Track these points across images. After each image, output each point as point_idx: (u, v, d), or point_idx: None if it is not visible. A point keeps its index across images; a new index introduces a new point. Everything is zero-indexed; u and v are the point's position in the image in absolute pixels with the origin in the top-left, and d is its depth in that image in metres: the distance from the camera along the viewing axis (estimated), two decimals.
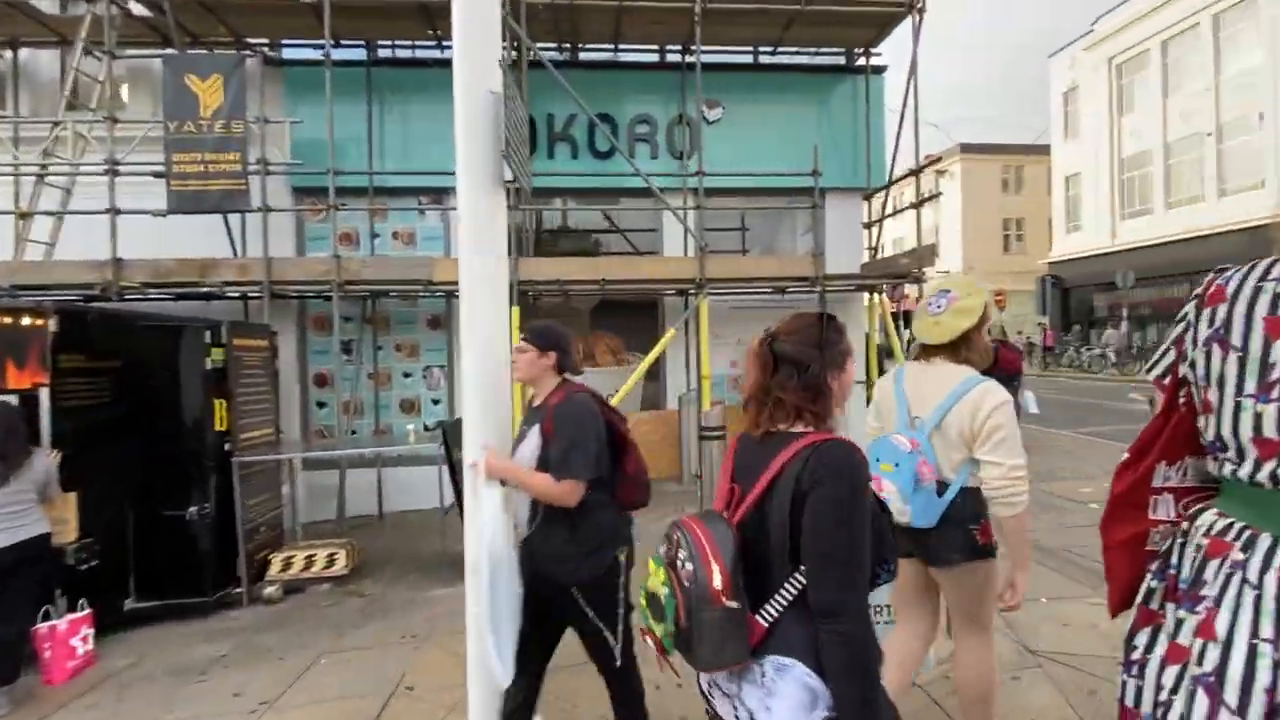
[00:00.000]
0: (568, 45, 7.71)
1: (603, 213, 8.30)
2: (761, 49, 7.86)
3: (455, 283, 5.23)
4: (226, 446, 4.65)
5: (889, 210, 7.29)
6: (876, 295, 7.44)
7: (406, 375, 7.55)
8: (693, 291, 6.26)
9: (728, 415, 6.02)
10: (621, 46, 7.74)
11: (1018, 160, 31.53)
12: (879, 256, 7.67)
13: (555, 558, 2.17)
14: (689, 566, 1.27)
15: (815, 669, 1.25)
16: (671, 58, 7.73)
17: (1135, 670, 1.27)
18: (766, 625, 1.29)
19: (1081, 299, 24.84)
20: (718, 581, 1.25)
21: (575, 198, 7.80)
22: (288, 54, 7.64)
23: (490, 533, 2.04)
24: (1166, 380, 1.34)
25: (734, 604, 1.25)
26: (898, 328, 11.91)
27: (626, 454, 2.36)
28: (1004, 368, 2.54)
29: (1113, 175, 23.67)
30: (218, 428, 4.60)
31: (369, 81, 7.20)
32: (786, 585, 1.29)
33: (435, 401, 7.55)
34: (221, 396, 4.65)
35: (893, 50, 7.44)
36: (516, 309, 6.10)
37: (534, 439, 2.20)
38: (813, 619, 1.25)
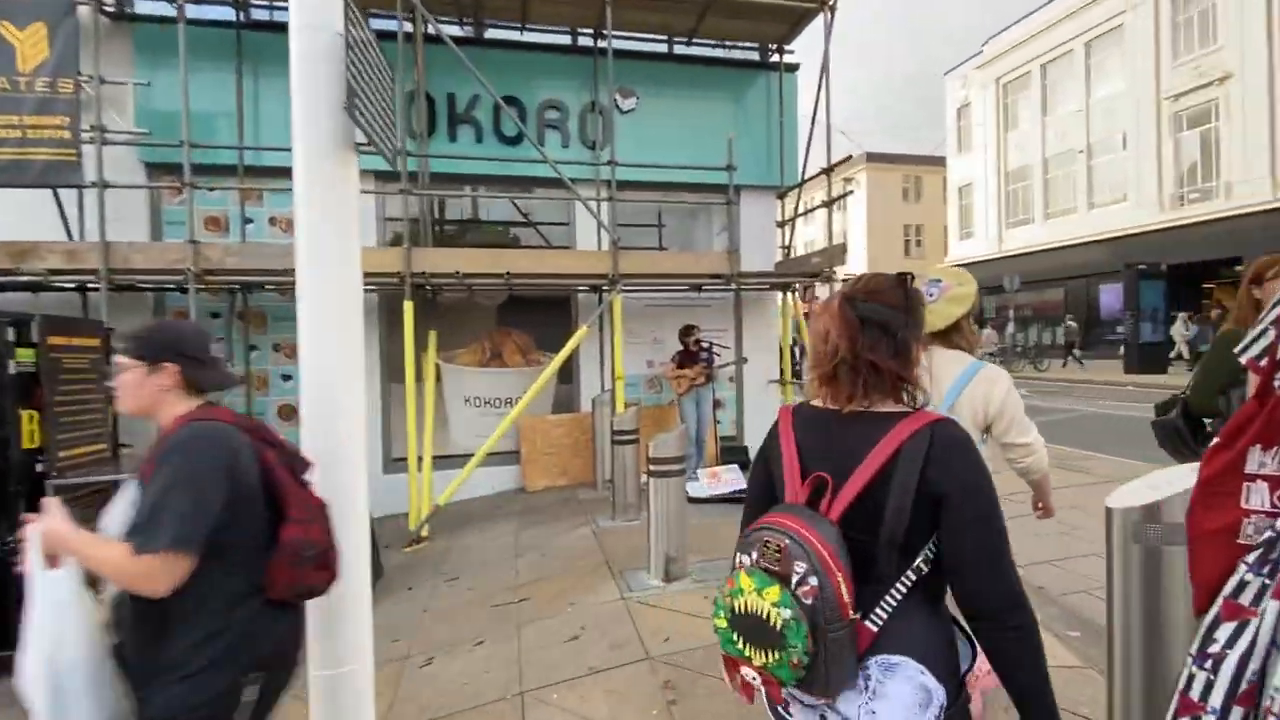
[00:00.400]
0: (470, 20, 7.18)
1: (513, 203, 7.83)
2: (676, 39, 7.65)
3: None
4: (39, 467, 3.85)
5: (800, 210, 7.26)
6: (790, 295, 7.40)
7: (287, 379, 6.76)
8: (606, 288, 5.93)
9: (641, 417, 5.73)
10: (530, 27, 7.29)
11: (917, 170, 33.45)
12: (792, 256, 7.64)
13: (140, 676, 1.40)
14: (813, 581, 1.08)
15: (927, 665, 1.14)
16: (583, 41, 7.36)
17: (1209, 664, 1.15)
18: (876, 630, 1.15)
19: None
20: (845, 594, 1.10)
21: (480, 185, 7.27)
22: (142, 8, 6.64)
23: (56, 641, 1.34)
24: (1263, 363, 1.20)
25: (856, 615, 1.12)
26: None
27: (288, 513, 1.50)
28: None
29: (1000, 187, 25.51)
30: (26, 444, 3.80)
31: (240, 45, 6.36)
32: (899, 583, 1.17)
33: None
34: (32, 407, 3.84)
35: (806, 50, 7.46)
36: (410, 304, 5.54)
37: (130, 491, 1.47)
38: (920, 612, 1.18)
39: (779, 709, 1.23)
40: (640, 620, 3.37)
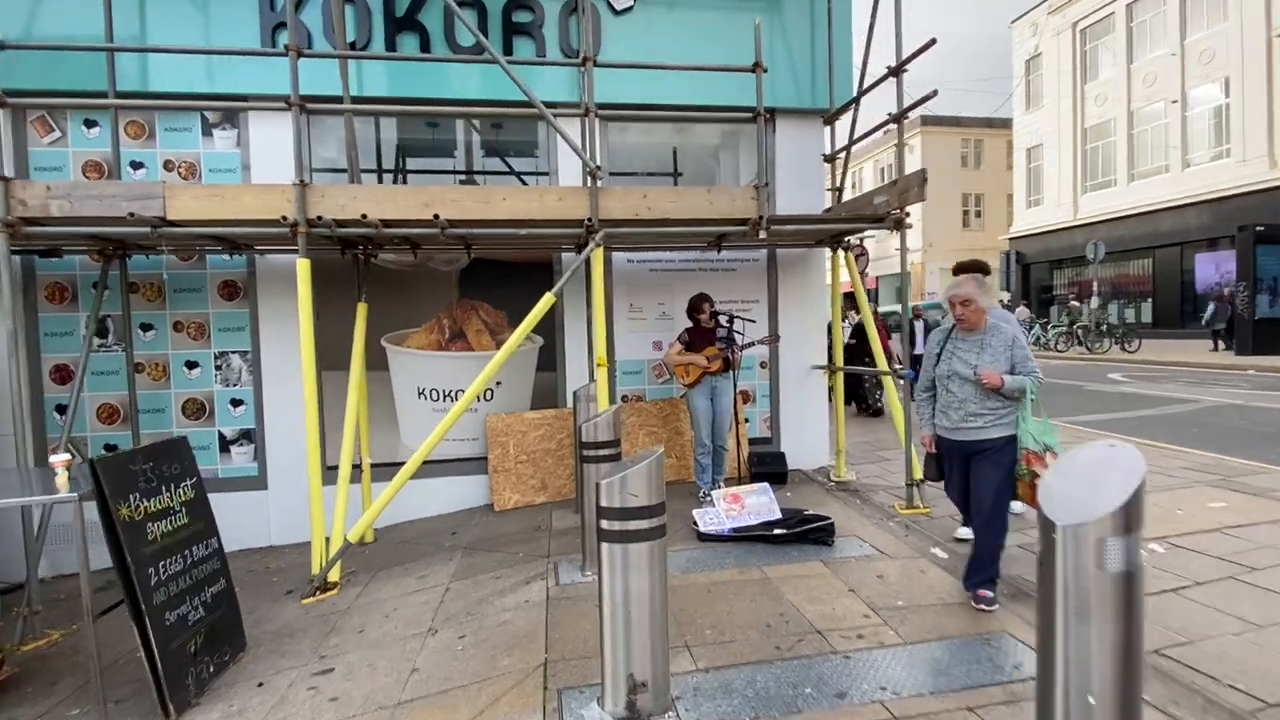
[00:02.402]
0: None
1: (483, 136, 6.23)
2: None
3: (208, 223, 2.34)
4: None
5: (856, 137, 5.42)
6: (842, 251, 5.60)
7: (191, 366, 5.34)
8: (585, 240, 4.28)
9: (621, 423, 4.09)
10: None
11: (977, 134, 30.48)
12: (843, 200, 5.82)
13: None
14: None
15: None
16: None
17: None
18: None
19: (1041, 276, 23.92)
20: None
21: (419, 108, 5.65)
22: None
23: None
24: None
25: None
26: (850, 307, 10.15)
27: None
28: None
29: (1076, 146, 22.63)
30: None
31: None
32: None
33: (236, 403, 5.37)
34: None
35: None
36: (305, 264, 3.99)
37: None
38: None
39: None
40: None
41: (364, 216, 3.95)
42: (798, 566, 3.60)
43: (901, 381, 4.77)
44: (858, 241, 12.04)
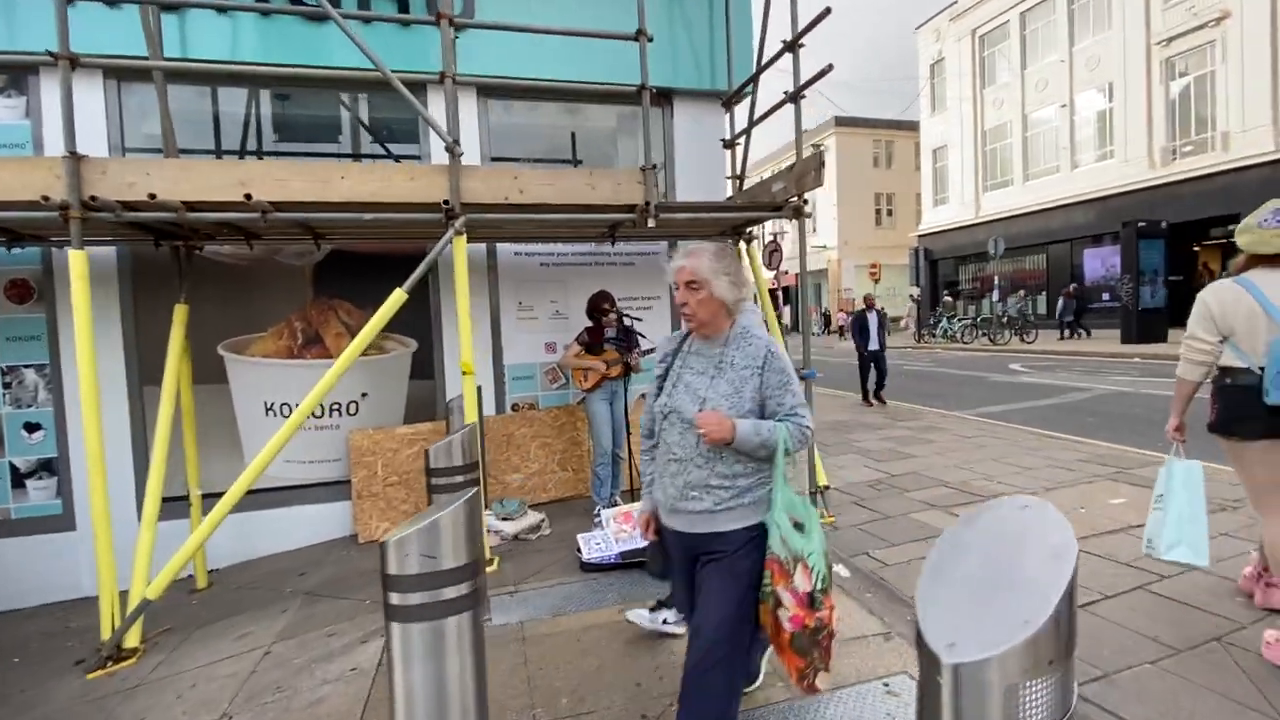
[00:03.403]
0: None
1: (355, 113, 5.48)
2: None
3: None
4: None
5: (755, 118, 5.06)
6: (745, 243, 5.24)
7: None
8: (448, 228, 3.66)
9: (482, 444, 3.53)
10: None
11: (889, 135, 31.58)
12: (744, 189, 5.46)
13: None
14: None
15: None
16: None
17: None
18: None
19: (946, 271, 24.96)
20: None
21: (272, 84, 4.86)
22: None
23: None
24: None
25: None
26: (775, 306, 10.09)
27: None
28: None
29: (977, 147, 23.71)
30: None
31: None
32: None
33: (32, 428, 4.42)
34: None
35: None
36: (79, 256, 3.19)
37: None
38: None
39: None
40: None
41: (152, 197, 3.19)
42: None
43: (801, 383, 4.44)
44: (771, 238, 11.94)
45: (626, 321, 4.73)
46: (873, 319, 9.03)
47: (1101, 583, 3.07)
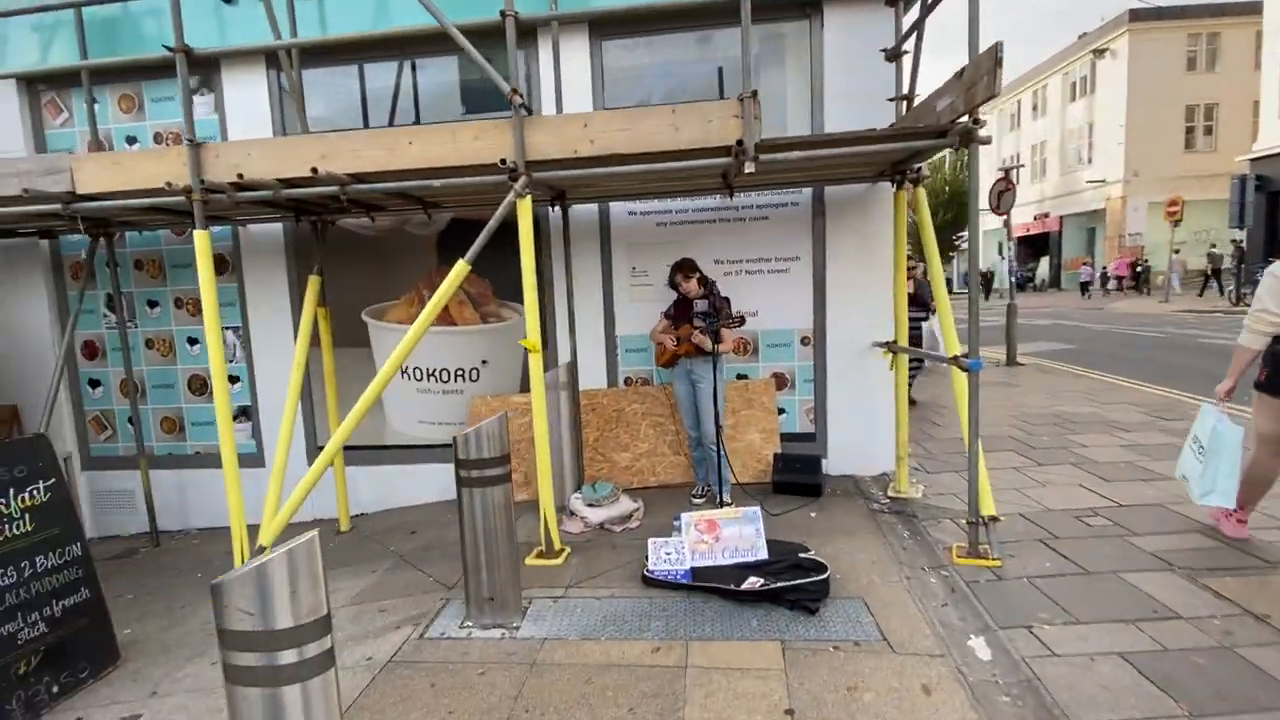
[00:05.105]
0: None
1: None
2: None
3: (117, 195, 1.95)
4: None
5: (926, 9, 3.75)
6: (903, 185, 4.04)
7: (193, 342, 5.29)
8: (512, 185, 3.31)
9: (578, 421, 3.15)
10: None
11: (1211, 26, 23.69)
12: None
13: None
14: None
15: None
16: None
17: None
18: None
19: None
20: None
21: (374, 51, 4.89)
22: None
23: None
24: None
25: None
26: (1030, 253, 8.17)
27: None
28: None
29: None
30: None
31: None
32: None
33: (233, 380, 5.25)
34: None
35: None
36: (204, 236, 3.50)
37: None
38: None
39: None
40: None
41: (240, 177, 3.35)
42: (744, 648, 2.50)
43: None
44: (1001, 173, 9.57)
45: (707, 289, 4.02)
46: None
47: None
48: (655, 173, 3.37)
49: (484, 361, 4.98)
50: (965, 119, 3.06)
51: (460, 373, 5.00)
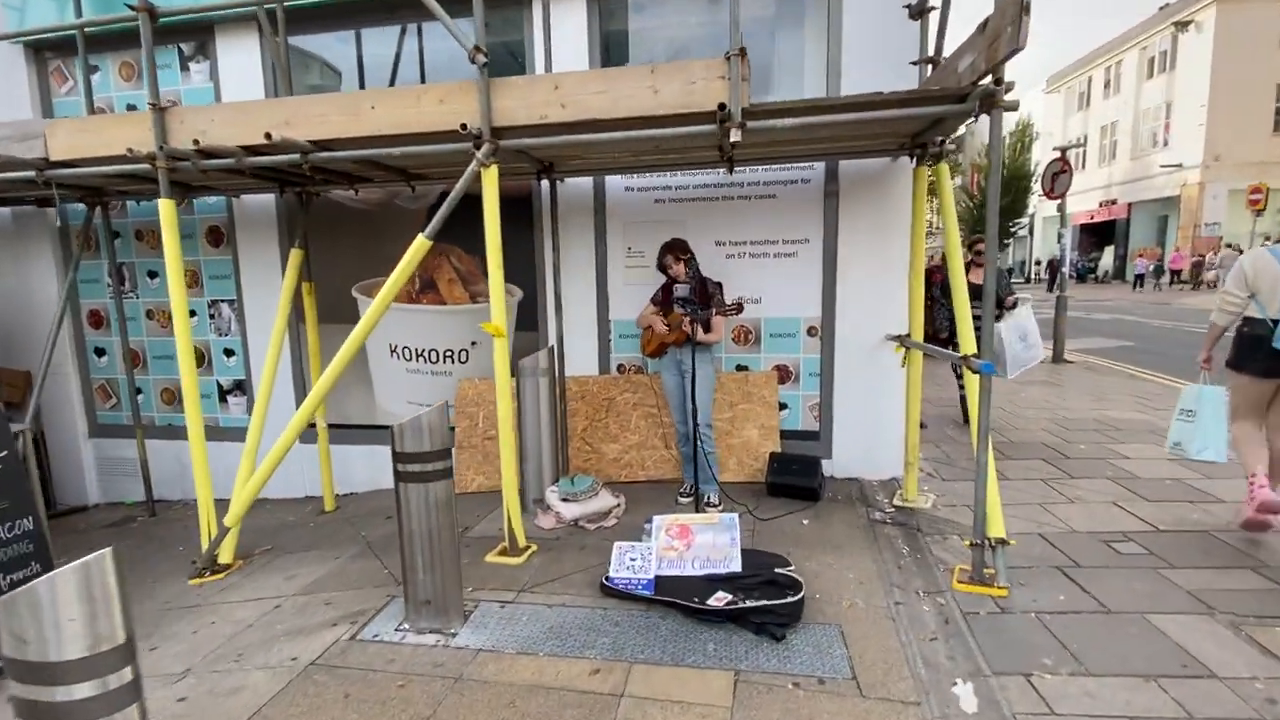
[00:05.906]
0: None
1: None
2: None
3: (89, 161, 1.91)
4: None
5: None
6: (923, 158, 3.60)
7: (192, 314, 5.23)
8: (477, 151, 3.04)
9: (563, 409, 2.93)
10: None
11: None
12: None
13: None
14: None
15: None
16: None
17: None
18: None
19: None
20: None
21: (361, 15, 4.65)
22: None
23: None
24: None
25: None
26: (1094, 243, 7.61)
27: None
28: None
29: None
30: None
31: None
32: None
33: (229, 353, 5.21)
34: None
35: None
36: (169, 205, 3.37)
37: None
38: None
39: None
40: None
41: (196, 143, 3.18)
42: (692, 677, 2.22)
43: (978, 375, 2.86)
44: (1059, 153, 8.77)
45: (691, 276, 3.69)
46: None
47: None
48: (633, 141, 3.04)
49: (473, 343, 4.78)
50: (988, 80, 2.63)
51: (449, 354, 4.82)
